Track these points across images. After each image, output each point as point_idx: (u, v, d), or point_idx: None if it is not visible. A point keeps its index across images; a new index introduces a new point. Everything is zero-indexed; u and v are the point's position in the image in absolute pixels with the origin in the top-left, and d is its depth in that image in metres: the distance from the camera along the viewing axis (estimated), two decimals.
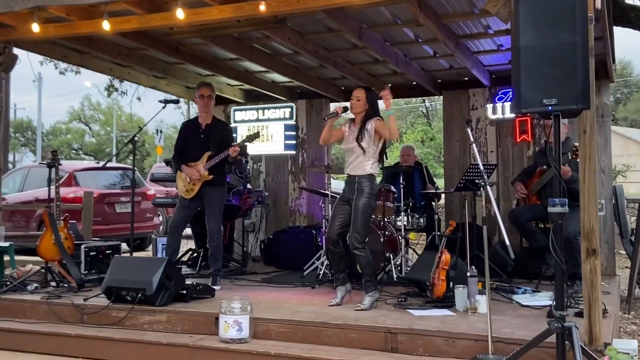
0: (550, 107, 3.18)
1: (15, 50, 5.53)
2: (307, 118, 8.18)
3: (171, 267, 4.79)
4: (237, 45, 6.08)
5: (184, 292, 4.75)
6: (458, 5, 5.09)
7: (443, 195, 7.12)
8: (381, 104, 4.80)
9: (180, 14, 4.37)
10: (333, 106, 8.02)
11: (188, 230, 7.04)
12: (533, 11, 3.24)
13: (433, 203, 6.76)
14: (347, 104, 4.93)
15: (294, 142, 8.23)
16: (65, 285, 5.28)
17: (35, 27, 4.73)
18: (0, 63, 5.40)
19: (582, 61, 3.15)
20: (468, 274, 4.55)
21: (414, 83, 7.56)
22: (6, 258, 6.04)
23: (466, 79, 7.30)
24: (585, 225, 3.59)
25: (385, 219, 5.85)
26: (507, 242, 3.88)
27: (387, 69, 7.13)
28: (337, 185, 7.84)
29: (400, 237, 5.94)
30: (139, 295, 4.56)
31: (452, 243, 5.04)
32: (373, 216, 5.91)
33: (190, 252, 6.78)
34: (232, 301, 4.12)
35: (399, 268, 5.79)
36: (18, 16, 4.89)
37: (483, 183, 3.96)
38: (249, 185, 7.16)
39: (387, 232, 5.79)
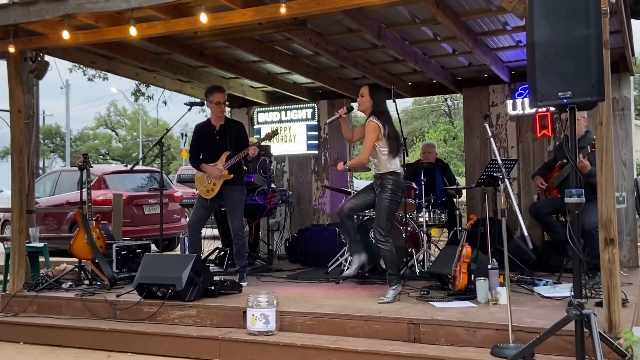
0: (565, 100, 3.22)
1: (46, 58, 5.66)
2: (329, 118, 8.27)
3: (199, 264, 4.92)
4: (259, 48, 6.18)
5: (212, 287, 4.87)
6: (475, 3, 5.12)
7: (464, 191, 7.16)
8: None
9: (203, 18, 4.46)
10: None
11: (216, 231, 7.22)
12: (547, 6, 3.28)
13: (454, 199, 6.81)
14: (354, 104, 5.03)
15: (317, 142, 8.36)
16: (98, 283, 5.46)
17: (66, 35, 4.86)
18: (33, 70, 5.53)
19: (597, 54, 3.19)
20: (489, 266, 4.62)
21: (434, 81, 7.61)
22: (41, 258, 6.26)
23: (486, 75, 7.31)
24: (603, 215, 3.63)
25: (407, 215, 5.92)
26: (526, 233, 3.93)
27: (407, 68, 7.18)
28: (360, 183, 7.94)
29: (422, 233, 6.01)
30: (169, 291, 4.69)
31: (473, 237, 5.11)
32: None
33: (217, 251, 6.93)
34: (259, 295, 4.25)
35: (421, 263, 5.86)
36: (49, 24, 5.04)
37: (501, 177, 4.03)
38: (273, 185, 7.28)
39: (409, 228, 5.87)
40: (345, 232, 5.10)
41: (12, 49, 5.20)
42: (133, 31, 4.72)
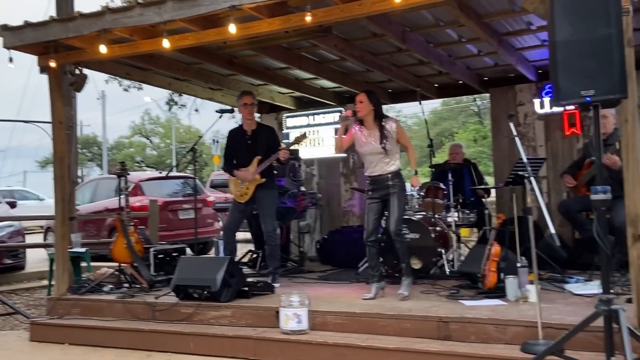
0: (588, 98, 3.24)
1: (84, 71, 5.85)
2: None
3: (233, 266, 5.06)
4: (286, 55, 6.32)
5: (246, 288, 5.00)
6: (498, 4, 5.16)
7: (493, 191, 7.17)
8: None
9: (232, 28, 4.58)
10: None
11: (248, 234, 7.37)
12: (568, 6, 3.30)
13: (483, 199, 6.82)
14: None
15: None
16: (137, 285, 5.64)
17: (103, 48, 5.04)
18: (72, 83, 5.76)
19: (619, 52, 3.19)
20: (518, 264, 4.65)
21: (460, 82, 7.64)
22: (83, 263, 6.51)
23: (512, 75, 7.31)
24: (631, 211, 3.65)
25: (436, 215, 5.98)
26: (553, 231, 3.93)
27: (433, 70, 7.24)
28: None
29: (451, 233, 6.06)
30: (205, 292, 4.84)
31: (502, 236, 5.14)
32: (424, 212, 6.10)
33: (250, 253, 7.08)
34: (291, 295, 4.36)
35: (451, 262, 5.91)
36: (86, 39, 5.23)
37: (527, 175, 4.07)
38: (302, 188, 7.41)
39: (438, 228, 5.92)
40: (371, 258, 4.99)
41: (53, 64, 5.45)
42: (166, 43, 4.88)
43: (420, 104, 5.96)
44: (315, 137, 8.54)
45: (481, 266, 4.81)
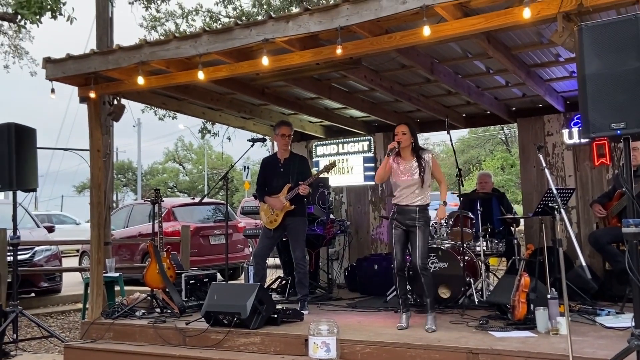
0: (619, 131, 3.26)
1: (122, 101, 6.07)
2: (384, 150, 8.45)
3: (263, 293, 5.12)
4: (317, 86, 6.44)
5: (275, 316, 5.05)
6: (526, 37, 5.22)
7: (522, 220, 7.14)
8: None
9: (265, 61, 4.71)
10: None
11: (277, 260, 7.44)
12: (597, 40, 3.34)
13: (512, 228, 6.80)
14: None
15: (373, 173, 8.51)
16: (169, 311, 5.72)
17: (140, 80, 5.22)
18: (110, 113, 5.98)
19: None
20: (548, 296, 4.63)
21: (488, 112, 7.68)
22: (116, 287, 6.65)
23: (540, 105, 7.33)
24: None
25: (465, 245, 5.98)
26: (584, 263, 3.93)
27: (461, 100, 7.30)
28: None
29: (480, 262, 6.05)
30: (235, 319, 4.90)
31: (531, 266, 5.12)
32: (452, 241, 6.11)
33: (279, 280, 7.14)
34: (320, 323, 4.37)
35: (480, 292, 5.89)
36: (125, 71, 5.44)
37: (557, 206, 4.08)
38: (332, 216, 7.47)
39: (466, 257, 5.92)
40: (401, 287, 5.02)
41: (92, 95, 5.67)
42: (201, 75, 5.04)
43: (448, 133, 6.00)
44: (345, 165, 8.64)
45: (511, 297, 4.79)
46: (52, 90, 5.59)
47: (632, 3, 3.91)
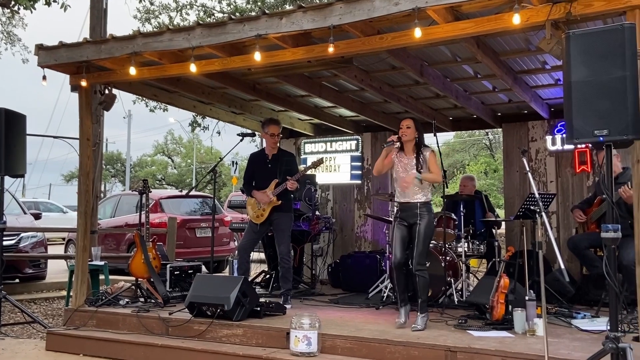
0: (601, 138, 3.31)
1: (113, 91, 6.07)
2: (372, 150, 8.57)
3: (247, 286, 5.15)
4: (308, 83, 6.49)
5: (258, 309, 5.09)
6: (515, 43, 5.31)
7: (503, 223, 7.25)
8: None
9: (257, 56, 4.74)
10: None
11: (262, 255, 7.49)
12: (584, 48, 3.38)
13: (493, 230, 6.90)
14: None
15: (360, 172, 8.63)
16: (153, 300, 5.73)
17: (132, 70, 5.24)
18: (102, 102, 5.97)
19: (633, 94, 3.26)
20: (526, 297, 4.72)
21: (474, 116, 7.77)
22: (101, 276, 6.65)
23: (525, 112, 7.45)
24: None
25: (447, 245, 6.07)
26: (563, 266, 4.02)
27: (448, 103, 7.39)
28: None
29: (461, 263, 6.15)
30: (218, 310, 4.93)
31: (511, 268, 5.21)
32: (434, 242, 6.19)
33: (263, 274, 7.19)
34: (302, 317, 4.43)
35: (460, 292, 5.97)
36: (117, 61, 5.45)
37: (538, 210, 4.17)
38: (317, 212, 7.53)
39: (448, 258, 6.01)
40: (399, 283, 4.95)
41: (84, 83, 5.67)
42: (193, 68, 5.06)
43: (435, 135, 6.09)
44: (332, 163, 8.72)
45: (490, 297, 4.87)
46: (44, 78, 5.58)
47: (618, 14, 4.01)
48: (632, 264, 4.65)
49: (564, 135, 7.03)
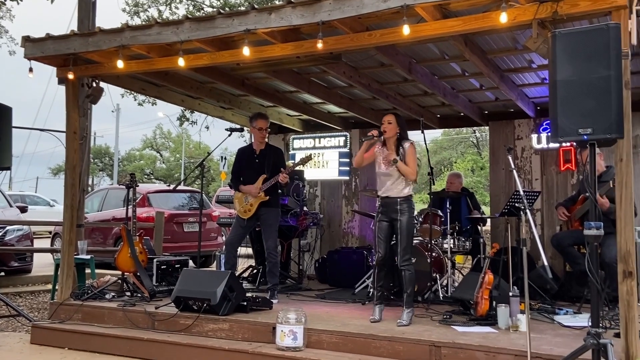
0: (585, 136, 3.34)
1: (101, 84, 6.05)
2: (360, 146, 8.55)
3: (233, 280, 5.16)
4: (297, 79, 6.49)
5: (245, 303, 5.10)
6: (502, 42, 5.35)
7: (489, 220, 7.32)
8: None
9: (246, 51, 4.74)
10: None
11: (250, 250, 7.51)
12: (569, 47, 3.41)
13: (479, 227, 6.97)
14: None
15: (348, 168, 8.65)
16: (139, 294, 5.73)
17: (120, 64, 5.21)
18: (89, 95, 5.94)
19: (617, 94, 3.30)
20: (510, 293, 4.78)
21: (462, 114, 7.83)
22: (87, 270, 6.63)
23: (512, 110, 7.50)
24: (622, 248, 3.76)
25: (432, 241, 6.12)
26: (546, 263, 4.07)
27: (436, 101, 7.43)
28: None
29: (446, 259, 6.19)
30: (205, 305, 4.94)
31: (495, 264, 5.27)
32: (421, 238, 6.23)
33: (251, 269, 7.20)
34: (288, 312, 4.45)
35: (445, 288, 6.03)
36: (105, 54, 5.42)
37: (523, 207, 4.22)
38: (305, 208, 7.55)
39: (434, 254, 6.05)
40: (379, 279, 4.98)
41: (71, 76, 5.63)
42: (181, 62, 5.05)
43: (422, 133, 6.12)
44: (320, 159, 8.74)
45: (474, 293, 4.92)
46: (30, 70, 5.53)
47: (604, 14, 4.05)
48: (614, 261, 4.72)
49: (549, 134, 7.11)
